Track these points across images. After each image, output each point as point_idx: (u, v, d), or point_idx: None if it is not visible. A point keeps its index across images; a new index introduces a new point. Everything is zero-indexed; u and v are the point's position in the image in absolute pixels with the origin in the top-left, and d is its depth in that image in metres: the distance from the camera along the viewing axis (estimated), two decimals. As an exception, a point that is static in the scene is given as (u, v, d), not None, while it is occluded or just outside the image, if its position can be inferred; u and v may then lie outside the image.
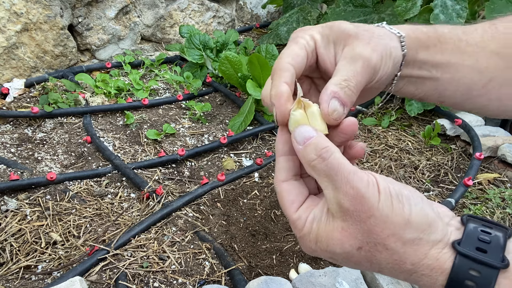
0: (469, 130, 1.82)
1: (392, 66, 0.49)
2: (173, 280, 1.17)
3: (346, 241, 0.39)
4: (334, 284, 1.07)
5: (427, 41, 0.51)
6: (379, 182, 0.39)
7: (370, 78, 0.46)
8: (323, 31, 0.48)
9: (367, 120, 2.07)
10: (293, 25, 2.62)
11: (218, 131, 1.92)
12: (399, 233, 0.38)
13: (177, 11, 2.69)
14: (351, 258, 0.40)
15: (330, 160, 0.40)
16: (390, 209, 0.38)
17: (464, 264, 0.36)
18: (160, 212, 1.36)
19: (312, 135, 0.42)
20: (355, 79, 0.44)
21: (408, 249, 0.38)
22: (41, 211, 1.36)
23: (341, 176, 0.39)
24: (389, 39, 0.49)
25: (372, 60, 0.45)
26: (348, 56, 0.46)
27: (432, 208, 0.40)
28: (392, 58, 0.48)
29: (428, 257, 0.38)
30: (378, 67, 0.46)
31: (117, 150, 1.71)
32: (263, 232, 1.38)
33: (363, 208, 0.38)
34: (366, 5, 2.30)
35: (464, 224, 0.40)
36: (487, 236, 0.38)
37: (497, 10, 1.95)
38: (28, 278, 1.15)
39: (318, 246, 0.42)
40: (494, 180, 1.67)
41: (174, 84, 2.20)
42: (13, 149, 1.66)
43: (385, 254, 0.39)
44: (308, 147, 0.41)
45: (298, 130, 0.43)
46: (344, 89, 0.44)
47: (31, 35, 2.06)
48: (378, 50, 0.46)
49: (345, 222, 0.39)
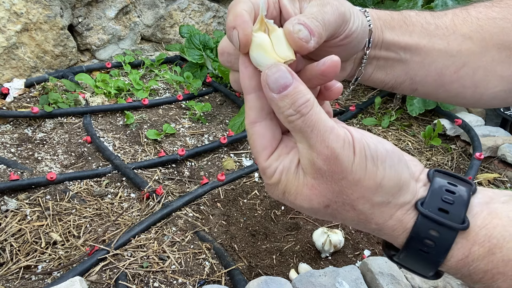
0: (469, 130, 1.82)
1: (361, 30, 0.46)
2: (173, 280, 1.17)
3: (314, 198, 0.39)
4: (334, 284, 1.07)
5: (392, 22, 0.50)
6: (355, 141, 0.36)
7: (339, 24, 0.43)
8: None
9: (367, 120, 2.07)
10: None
11: (218, 131, 1.92)
12: (368, 196, 0.37)
13: (177, 11, 2.69)
14: (317, 213, 0.40)
15: (308, 116, 0.36)
16: (363, 172, 0.36)
17: (425, 225, 0.37)
18: (160, 212, 1.36)
19: (289, 82, 0.36)
20: (321, 15, 0.40)
21: (376, 210, 0.38)
22: (41, 211, 1.36)
23: (316, 133, 0.36)
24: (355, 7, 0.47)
25: (340, 7, 0.43)
26: (316, 3, 0.42)
27: (407, 168, 0.39)
28: (360, 20, 0.46)
29: (392, 219, 0.38)
30: (347, 16, 0.44)
31: (117, 150, 1.71)
32: (263, 232, 1.38)
33: (336, 169, 0.36)
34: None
35: (430, 181, 0.39)
36: (451, 196, 0.37)
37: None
38: (28, 278, 1.15)
39: (285, 197, 0.40)
40: (494, 180, 1.67)
41: (174, 84, 2.20)
42: (13, 149, 1.66)
43: (352, 213, 0.39)
44: (286, 99, 0.36)
45: (270, 71, 0.37)
46: (310, 19, 0.39)
47: (31, 35, 2.06)
48: (346, 5, 0.44)
49: (315, 180, 0.38)
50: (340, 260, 1.30)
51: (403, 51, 0.51)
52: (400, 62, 0.52)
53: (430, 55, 0.51)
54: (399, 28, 0.50)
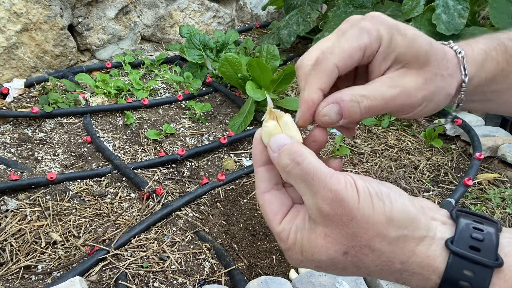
0: (469, 130, 1.82)
1: (435, 107, 0.45)
2: (173, 280, 1.17)
3: (330, 247, 0.38)
4: (334, 284, 1.07)
5: (495, 71, 0.47)
6: (356, 182, 0.37)
7: (399, 109, 0.43)
8: (394, 36, 0.41)
9: (367, 120, 2.06)
10: (293, 27, 2.62)
11: (218, 131, 1.92)
12: (383, 232, 0.36)
13: (177, 11, 2.69)
14: (338, 264, 0.39)
15: (304, 165, 0.38)
16: (371, 209, 0.36)
17: (459, 264, 0.35)
18: (160, 212, 1.36)
19: (286, 142, 0.41)
20: (375, 101, 0.41)
21: (395, 248, 0.37)
22: (41, 211, 1.36)
23: (317, 180, 0.38)
24: (450, 85, 0.44)
25: (412, 96, 0.42)
26: (392, 80, 0.42)
27: (413, 203, 0.38)
28: (437, 105, 0.44)
29: (416, 254, 0.37)
30: (416, 104, 0.43)
31: (117, 150, 1.71)
32: (263, 232, 1.38)
33: (344, 211, 0.36)
34: (365, 6, 2.30)
35: (454, 220, 0.38)
36: (480, 234, 0.36)
37: (498, 10, 1.95)
38: (28, 278, 1.15)
39: (304, 256, 0.40)
40: (494, 180, 1.67)
41: (174, 84, 2.20)
42: (13, 149, 1.66)
43: (372, 256, 0.37)
44: (282, 153, 0.40)
45: (273, 138, 0.42)
46: (354, 103, 0.41)
47: (31, 35, 2.06)
48: (429, 91, 0.42)
49: (327, 228, 0.38)
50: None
51: (497, 94, 0.50)
52: (486, 101, 0.51)
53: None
54: (501, 72, 0.48)
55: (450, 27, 1.91)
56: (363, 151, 1.83)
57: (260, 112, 2.00)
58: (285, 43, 2.64)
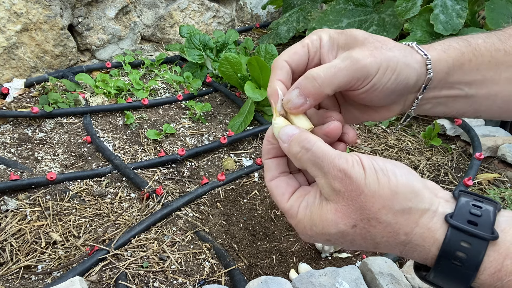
0: (469, 130, 1.82)
1: (394, 82, 0.47)
2: (173, 280, 1.17)
3: (340, 221, 0.41)
4: (334, 284, 1.07)
5: (461, 58, 0.49)
6: (362, 160, 0.41)
7: (355, 78, 0.45)
8: (332, 34, 0.50)
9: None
10: (293, 24, 2.62)
11: (218, 131, 1.92)
12: (388, 205, 0.39)
13: (177, 11, 2.69)
14: (346, 236, 0.42)
15: (313, 150, 0.43)
16: (376, 184, 0.39)
17: (456, 236, 0.38)
18: (160, 212, 1.36)
19: (295, 132, 0.45)
20: (328, 73, 0.45)
21: (400, 219, 0.39)
22: (41, 211, 1.36)
23: (327, 162, 0.41)
24: (405, 56, 0.47)
25: (361, 61, 0.45)
26: (341, 56, 0.47)
27: (418, 179, 0.41)
28: (396, 73, 0.46)
29: (419, 225, 0.39)
30: (370, 71, 0.45)
31: (117, 150, 1.71)
32: (263, 232, 1.38)
33: (353, 187, 0.40)
34: (366, 5, 2.30)
35: (456, 198, 0.41)
36: (478, 210, 0.39)
37: (497, 10, 1.95)
38: (28, 278, 1.15)
39: (313, 231, 0.44)
40: (494, 180, 1.67)
41: (174, 84, 2.20)
42: (13, 149, 1.66)
43: (379, 227, 0.40)
44: (292, 142, 0.45)
45: (282, 130, 0.46)
46: (309, 80, 0.46)
47: (31, 35, 2.06)
48: (378, 58, 0.45)
49: (338, 204, 0.41)
50: (340, 260, 1.30)
51: (469, 86, 0.50)
52: (464, 98, 0.51)
53: (497, 85, 0.50)
54: (468, 63, 0.49)
55: (448, 27, 1.90)
56: (363, 151, 1.83)
57: (260, 112, 2.00)
58: (284, 39, 2.63)
